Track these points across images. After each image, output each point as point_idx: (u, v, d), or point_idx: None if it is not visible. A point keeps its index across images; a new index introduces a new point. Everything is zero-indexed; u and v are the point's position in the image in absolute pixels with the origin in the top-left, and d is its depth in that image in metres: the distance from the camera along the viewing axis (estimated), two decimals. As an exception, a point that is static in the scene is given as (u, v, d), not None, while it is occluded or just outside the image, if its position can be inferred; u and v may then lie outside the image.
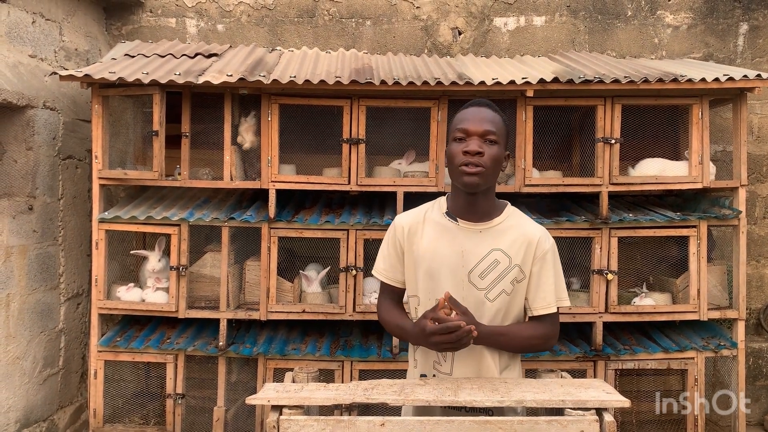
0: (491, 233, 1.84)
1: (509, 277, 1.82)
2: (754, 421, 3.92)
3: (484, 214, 1.86)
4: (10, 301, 3.11)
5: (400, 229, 1.92)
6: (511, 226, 1.86)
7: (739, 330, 3.30)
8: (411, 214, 1.95)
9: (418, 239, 1.88)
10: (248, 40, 3.98)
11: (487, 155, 1.76)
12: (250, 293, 3.33)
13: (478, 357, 1.82)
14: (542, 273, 1.85)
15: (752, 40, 4.00)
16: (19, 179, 3.20)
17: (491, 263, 1.82)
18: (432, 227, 1.88)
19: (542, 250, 1.85)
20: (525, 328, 1.86)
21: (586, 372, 3.23)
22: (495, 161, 1.79)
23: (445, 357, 1.84)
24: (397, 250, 1.93)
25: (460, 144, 1.79)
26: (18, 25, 3.21)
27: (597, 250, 3.22)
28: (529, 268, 1.84)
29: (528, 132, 3.22)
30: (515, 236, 1.84)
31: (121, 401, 3.44)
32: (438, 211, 1.91)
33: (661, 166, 3.29)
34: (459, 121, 1.82)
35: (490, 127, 1.78)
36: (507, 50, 4.02)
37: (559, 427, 1.52)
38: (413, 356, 1.93)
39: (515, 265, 1.82)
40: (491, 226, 1.85)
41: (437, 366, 1.86)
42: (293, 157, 3.48)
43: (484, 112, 1.81)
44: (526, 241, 1.84)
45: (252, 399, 1.61)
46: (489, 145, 1.77)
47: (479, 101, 1.87)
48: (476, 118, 1.79)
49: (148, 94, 3.12)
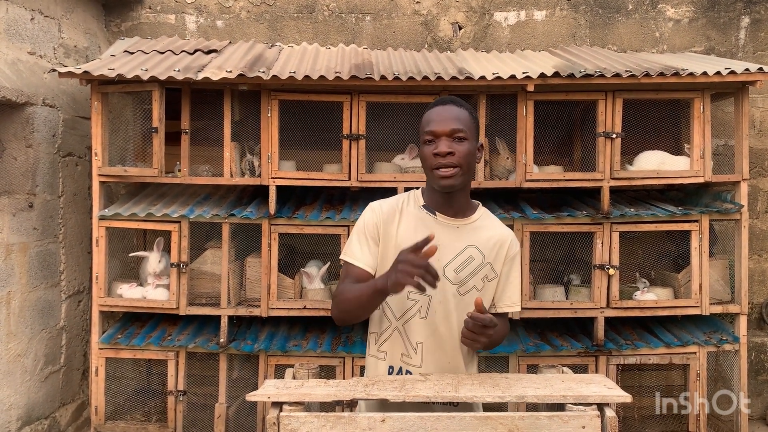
0: (468, 230, 1.85)
1: (481, 274, 1.83)
2: (756, 416, 3.92)
3: (461, 210, 1.86)
4: (11, 298, 3.11)
5: (379, 212, 1.86)
6: (485, 226, 1.88)
7: (741, 324, 3.29)
8: (387, 202, 1.91)
9: (394, 228, 1.84)
10: (248, 36, 3.97)
11: (458, 154, 1.75)
12: (251, 290, 3.32)
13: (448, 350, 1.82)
14: (511, 274, 1.89)
15: (754, 33, 3.98)
16: (19, 177, 3.20)
17: (466, 259, 1.82)
18: (409, 219, 1.86)
19: (513, 252, 1.89)
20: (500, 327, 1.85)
21: (588, 367, 3.23)
22: (467, 158, 1.77)
23: (415, 349, 1.83)
24: (374, 234, 1.85)
25: (430, 146, 1.77)
26: (17, 22, 3.20)
27: (598, 245, 3.21)
28: (500, 268, 1.86)
29: (529, 127, 3.20)
30: (489, 235, 1.86)
31: (122, 398, 3.44)
32: (414, 204, 1.89)
33: (660, 159, 3.28)
34: (426, 123, 1.80)
35: (456, 125, 1.76)
36: (507, 45, 4.00)
37: (561, 422, 1.51)
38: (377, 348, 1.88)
39: (488, 262, 1.84)
40: (468, 222, 1.86)
41: (405, 358, 1.84)
42: (293, 154, 3.48)
43: (450, 110, 1.79)
44: (499, 241, 1.86)
45: (252, 396, 1.60)
46: (459, 143, 1.76)
47: (444, 99, 1.85)
48: (442, 118, 1.77)
49: (147, 90, 3.11)
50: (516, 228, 3.18)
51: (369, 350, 1.92)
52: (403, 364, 1.84)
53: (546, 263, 3.46)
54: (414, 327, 1.80)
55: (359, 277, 1.83)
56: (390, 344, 1.86)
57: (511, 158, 3.30)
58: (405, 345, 1.84)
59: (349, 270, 1.86)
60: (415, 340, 1.83)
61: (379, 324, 1.88)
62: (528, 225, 3.20)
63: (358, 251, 1.85)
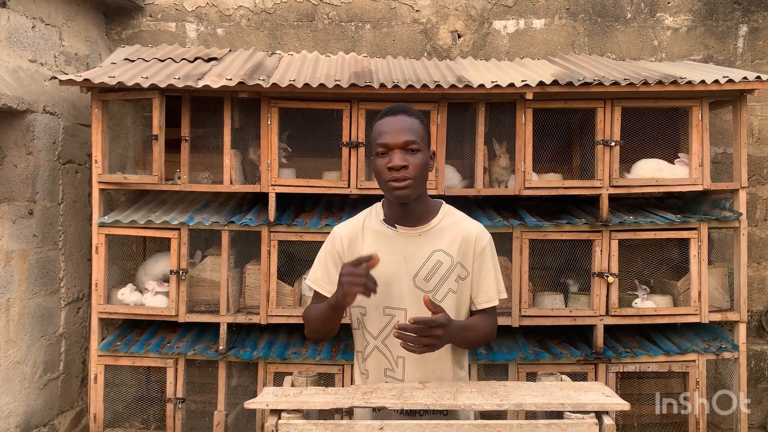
0: (430, 235, 1.85)
1: (453, 276, 1.83)
2: (756, 424, 3.91)
3: (421, 217, 1.86)
4: (11, 305, 3.11)
5: (339, 240, 1.89)
6: (448, 225, 1.87)
7: (740, 332, 3.29)
8: (349, 225, 1.92)
9: (359, 249, 1.85)
10: (248, 44, 3.99)
11: (411, 166, 1.74)
12: (250, 297, 3.32)
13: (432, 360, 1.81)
14: (483, 268, 1.87)
15: (752, 41, 3.99)
16: (20, 184, 3.21)
17: (434, 264, 1.82)
18: (371, 236, 1.87)
19: (481, 246, 1.86)
20: (482, 321, 1.87)
21: (587, 375, 3.23)
22: (421, 169, 1.77)
23: (396, 363, 1.83)
24: (336, 261, 1.88)
25: (383, 158, 1.76)
26: (18, 30, 3.21)
27: (597, 253, 3.21)
28: (471, 265, 1.85)
29: (528, 135, 3.21)
30: (453, 235, 1.85)
31: (121, 406, 3.44)
32: (375, 219, 1.89)
33: (657, 167, 3.29)
34: (378, 135, 1.78)
35: (409, 136, 1.75)
36: (506, 53, 4.02)
37: (559, 430, 1.51)
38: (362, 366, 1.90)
39: (457, 263, 1.83)
40: (430, 227, 1.85)
41: (389, 373, 1.84)
42: (293, 161, 3.48)
43: (402, 121, 1.77)
44: (464, 238, 1.85)
45: (250, 403, 1.60)
46: (412, 155, 1.75)
47: (393, 108, 1.82)
48: (394, 130, 1.75)
49: (147, 98, 3.12)
50: (515, 235, 3.19)
51: (356, 370, 1.95)
52: (388, 379, 1.84)
53: (545, 271, 3.47)
54: (394, 341, 1.76)
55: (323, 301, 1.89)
56: (372, 362, 1.87)
57: (505, 157, 3.31)
58: (388, 360, 1.85)
59: (318, 297, 1.93)
60: (396, 354, 1.83)
61: (361, 342, 1.91)
62: (527, 232, 3.20)
63: (320, 277, 1.92)
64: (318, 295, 1.92)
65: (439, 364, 1.84)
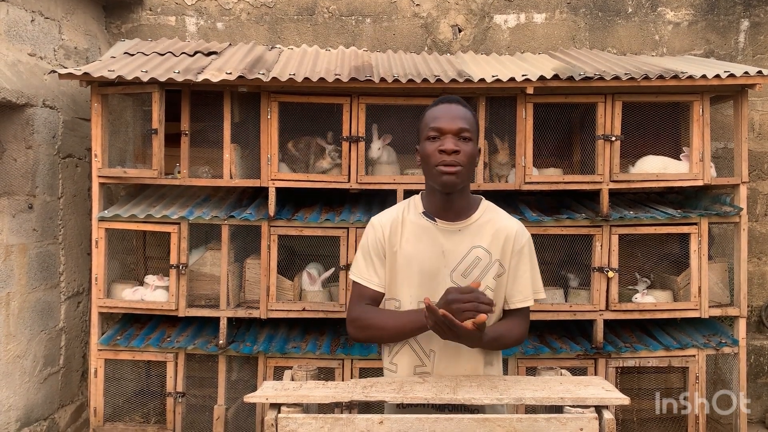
0: (470, 230, 1.83)
1: (491, 273, 1.81)
2: (755, 419, 3.92)
3: (461, 211, 1.84)
4: (11, 299, 3.11)
5: (380, 229, 1.87)
6: (488, 221, 1.85)
7: (740, 327, 3.29)
8: (388, 215, 1.90)
9: (398, 240, 1.84)
10: (248, 38, 3.98)
11: (463, 153, 1.74)
12: (250, 291, 3.32)
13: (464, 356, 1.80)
14: (520, 266, 1.85)
15: (753, 36, 3.98)
16: (19, 178, 3.20)
17: (473, 261, 1.81)
18: (410, 228, 1.85)
19: (519, 244, 1.85)
20: (514, 327, 1.84)
21: (587, 370, 3.23)
22: (470, 158, 1.77)
23: (428, 356, 1.82)
24: (379, 252, 1.86)
25: (434, 143, 1.76)
26: (17, 24, 3.20)
27: (598, 248, 3.21)
28: (508, 262, 1.83)
29: (528, 129, 3.21)
30: (493, 231, 1.83)
31: (121, 400, 3.44)
32: (414, 211, 1.88)
33: (661, 164, 3.28)
34: (431, 119, 1.78)
35: (464, 124, 1.76)
36: (507, 47, 4.01)
37: (558, 424, 1.51)
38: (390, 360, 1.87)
39: (496, 260, 1.82)
40: (469, 223, 1.84)
41: (419, 369, 1.83)
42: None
43: (456, 109, 1.78)
44: (504, 235, 1.83)
45: (250, 397, 1.60)
46: (464, 143, 1.75)
47: (449, 98, 1.83)
48: (449, 116, 1.77)
49: (147, 92, 3.11)
50: (515, 230, 3.18)
51: (384, 361, 1.91)
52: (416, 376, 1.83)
53: (545, 265, 3.44)
54: (426, 336, 1.76)
55: (373, 298, 1.86)
56: (401, 357, 1.85)
57: (505, 151, 3.31)
58: (419, 356, 1.83)
59: (362, 291, 1.87)
60: (428, 347, 1.81)
61: None
62: (527, 227, 3.13)
63: (366, 271, 1.87)
64: (361, 289, 1.87)
65: (471, 359, 1.81)
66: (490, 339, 1.74)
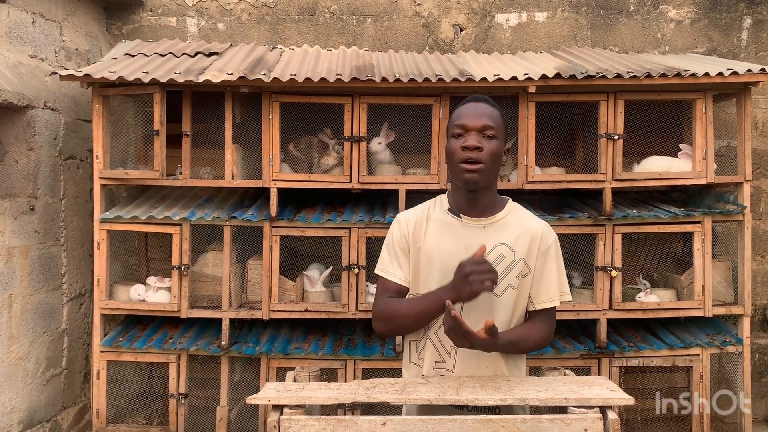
0: (495, 228, 1.83)
1: (515, 272, 1.81)
2: (760, 418, 3.90)
3: (486, 209, 1.85)
4: (13, 301, 3.11)
5: (405, 224, 1.89)
6: (514, 221, 1.85)
7: (744, 326, 3.28)
8: (414, 211, 1.93)
9: (422, 236, 1.86)
10: (249, 39, 3.97)
11: (486, 150, 1.75)
12: (252, 292, 3.32)
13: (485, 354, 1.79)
14: (545, 267, 1.84)
15: (756, 34, 3.97)
16: (21, 180, 3.20)
17: (497, 258, 1.80)
18: (435, 224, 1.86)
19: (546, 244, 1.84)
20: (534, 331, 1.83)
21: (590, 369, 3.22)
22: (494, 156, 1.78)
23: (449, 353, 1.82)
24: (403, 246, 1.88)
25: (458, 140, 1.78)
26: (18, 25, 3.20)
27: (600, 247, 3.20)
28: (534, 262, 1.83)
29: (530, 128, 3.20)
30: (519, 230, 1.83)
31: (124, 401, 3.44)
32: (440, 209, 1.89)
33: (666, 165, 3.26)
34: (457, 117, 1.81)
35: (488, 121, 1.77)
36: (509, 46, 4.00)
37: (563, 425, 1.50)
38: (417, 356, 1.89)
39: (520, 258, 1.81)
40: (495, 221, 1.84)
41: (439, 365, 1.84)
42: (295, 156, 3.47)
43: (482, 108, 1.80)
44: (530, 235, 1.83)
45: (252, 399, 1.60)
46: (488, 140, 1.76)
47: (477, 97, 1.86)
48: (474, 114, 1.78)
49: (148, 93, 3.11)
50: (518, 230, 3.17)
51: (410, 358, 1.91)
52: (436, 371, 1.83)
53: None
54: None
55: (398, 291, 1.88)
56: (425, 353, 1.86)
57: (509, 159, 3.29)
58: (439, 352, 1.83)
59: (386, 285, 1.89)
60: (448, 345, 1.81)
61: (416, 333, 1.89)
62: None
63: (390, 266, 1.89)
64: (385, 283, 1.89)
65: (493, 358, 1.81)
66: (505, 343, 1.74)
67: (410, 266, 1.88)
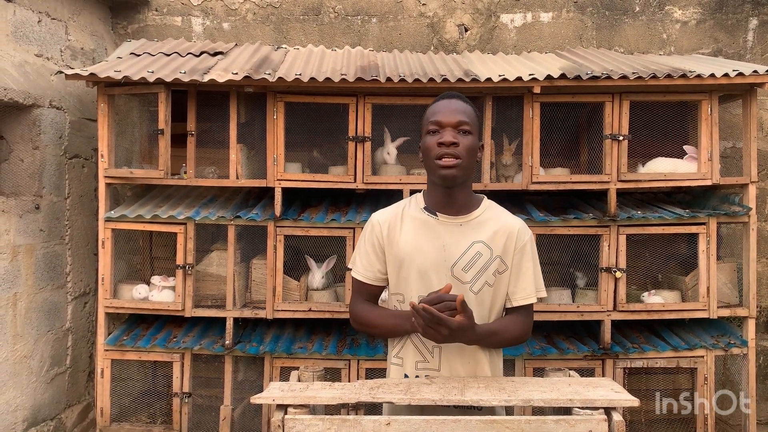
0: (471, 225, 1.84)
1: (491, 269, 1.81)
2: (765, 420, 3.89)
3: (463, 207, 1.85)
4: (18, 300, 3.12)
5: (378, 226, 1.89)
6: (490, 218, 1.86)
7: (749, 328, 3.27)
8: (388, 211, 1.92)
9: (397, 236, 1.85)
10: (254, 39, 3.98)
11: (462, 146, 1.76)
12: (256, 292, 3.32)
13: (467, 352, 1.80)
14: (522, 264, 1.85)
15: (762, 35, 3.95)
16: (26, 178, 3.21)
17: (474, 256, 1.81)
18: (411, 223, 1.86)
19: (522, 242, 1.85)
20: (512, 324, 1.85)
21: (595, 371, 3.21)
22: (470, 151, 1.78)
23: (432, 353, 1.82)
24: (375, 248, 1.88)
25: (434, 136, 1.78)
26: (24, 25, 3.21)
27: (605, 248, 3.19)
28: (511, 260, 1.84)
29: (535, 129, 3.19)
30: (495, 228, 1.84)
31: (128, 400, 3.44)
32: (415, 207, 1.89)
33: (671, 166, 3.25)
34: (431, 114, 1.81)
35: (463, 117, 1.78)
36: (514, 47, 3.99)
37: (567, 426, 1.50)
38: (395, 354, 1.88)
39: (497, 256, 1.82)
40: (471, 218, 1.85)
41: (421, 365, 1.82)
42: (299, 155, 3.47)
43: (456, 104, 1.81)
44: (506, 232, 1.84)
45: (257, 398, 1.60)
46: (463, 136, 1.77)
47: (450, 94, 1.86)
48: (448, 110, 1.79)
49: (153, 92, 3.12)
50: (522, 230, 3.17)
51: (389, 355, 1.93)
52: (419, 371, 1.83)
53: (552, 266, 3.45)
54: None
55: (370, 292, 1.93)
56: (405, 352, 1.86)
57: (509, 152, 3.31)
58: (421, 352, 1.83)
59: (359, 286, 1.93)
60: (431, 344, 1.81)
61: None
62: (534, 227, 3.17)
63: (361, 266, 1.92)
64: (360, 284, 1.92)
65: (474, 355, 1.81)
66: (485, 333, 1.75)
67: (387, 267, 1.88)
